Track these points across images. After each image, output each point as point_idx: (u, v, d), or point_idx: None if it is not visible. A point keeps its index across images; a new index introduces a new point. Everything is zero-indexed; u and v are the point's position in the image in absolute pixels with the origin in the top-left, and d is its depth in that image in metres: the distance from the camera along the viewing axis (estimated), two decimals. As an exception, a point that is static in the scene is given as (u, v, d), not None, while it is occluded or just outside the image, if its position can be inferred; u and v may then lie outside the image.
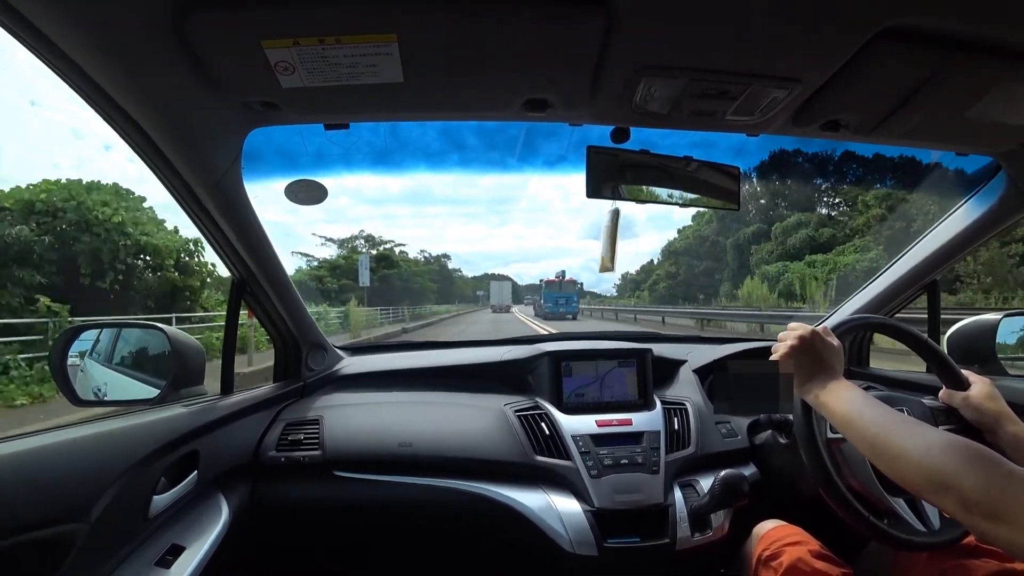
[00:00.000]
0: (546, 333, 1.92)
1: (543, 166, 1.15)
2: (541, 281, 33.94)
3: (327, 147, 0.97)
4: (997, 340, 1.23)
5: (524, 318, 27.81)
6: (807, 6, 0.60)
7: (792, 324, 0.84)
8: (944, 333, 1.31)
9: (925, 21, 0.63)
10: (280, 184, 1.03)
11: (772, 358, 0.82)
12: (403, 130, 1.05)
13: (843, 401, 0.72)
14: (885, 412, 0.67)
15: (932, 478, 0.57)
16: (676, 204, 1.00)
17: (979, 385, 0.85)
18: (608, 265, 1.06)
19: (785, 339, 0.83)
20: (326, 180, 1.04)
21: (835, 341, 0.81)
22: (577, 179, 0.93)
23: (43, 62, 0.62)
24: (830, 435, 0.86)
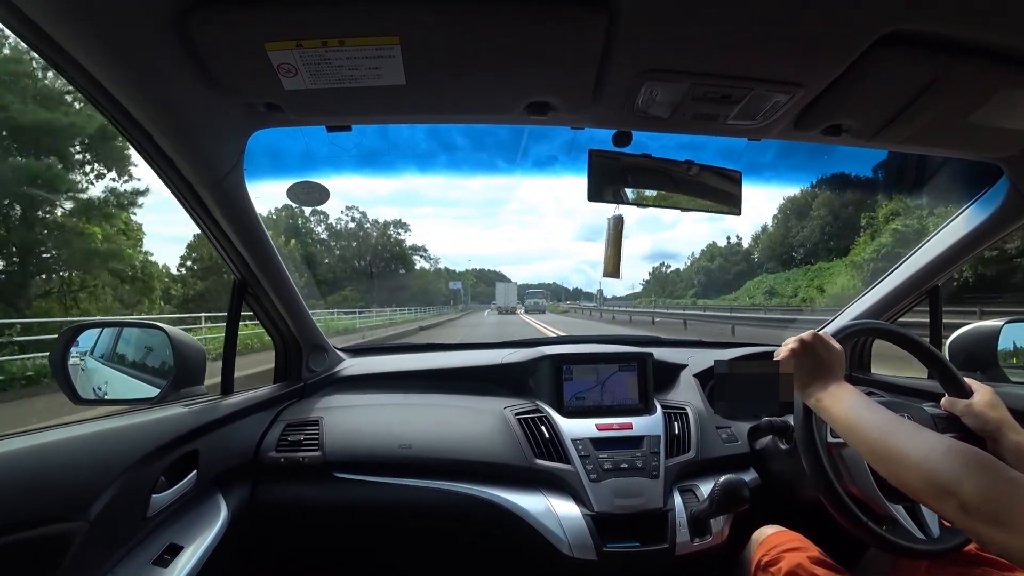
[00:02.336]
0: (549, 336, 1.92)
1: (542, 168, 1.16)
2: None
3: (329, 149, 0.97)
4: (999, 347, 1.23)
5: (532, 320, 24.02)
6: (809, 11, 0.60)
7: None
8: (946, 339, 1.31)
9: (927, 26, 0.63)
10: (282, 185, 1.03)
11: (775, 359, 0.82)
12: (404, 132, 1.06)
13: (844, 405, 0.72)
14: (886, 416, 0.67)
15: (932, 482, 0.56)
16: (678, 208, 1.00)
17: (981, 393, 0.84)
18: (611, 271, 1.06)
19: (790, 343, 0.83)
20: (328, 181, 1.04)
21: (837, 345, 0.81)
22: (568, 181, 0.94)
23: (47, 62, 0.63)
24: (830, 439, 0.86)
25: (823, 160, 1.16)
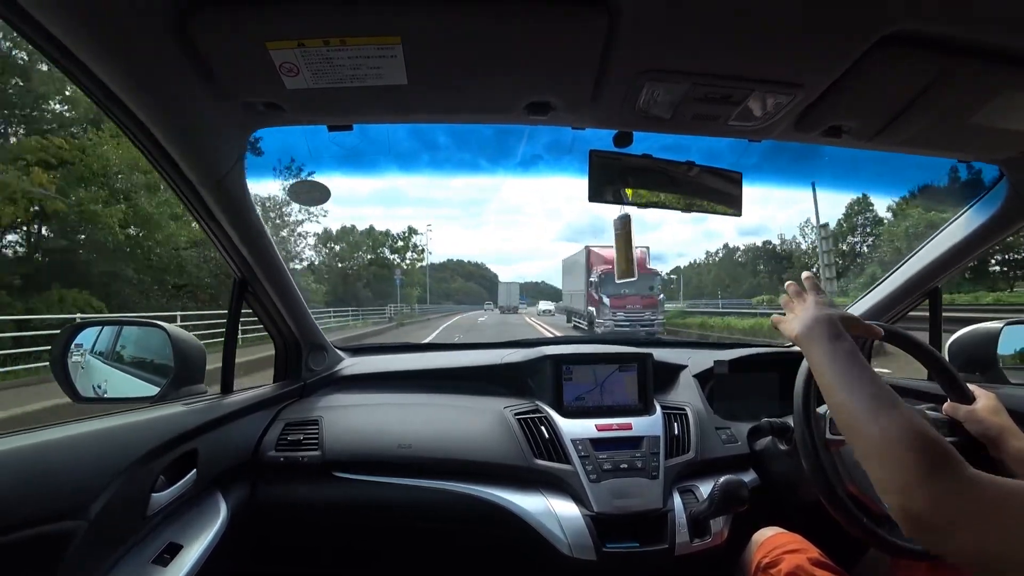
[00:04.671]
0: (548, 336, 1.92)
1: (536, 168, 1.15)
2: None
3: (329, 148, 0.97)
4: (998, 348, 1.23)
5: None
6: (810, 12, 0.60)
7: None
8: (945, 340, 1.31)
9: (928, 27, 0.63)
10: (283, 184, 1.03)
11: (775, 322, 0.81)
12: (400, 132, 1.05)
13: (817, 359, 0.69)
14: (853, 383, 0.62)
15: (883, 476, 0.54)
16: (678, 209, 1.00)
17: (984, 399, 0.84)
18: (626, 270, 1.05)
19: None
20: (328, 180, 1.04)
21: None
22: (552, 181, 0.93)
23: (49, 60, 0.63)
24: (829, 436, 0.86)
25: (824, 161, 1.16)
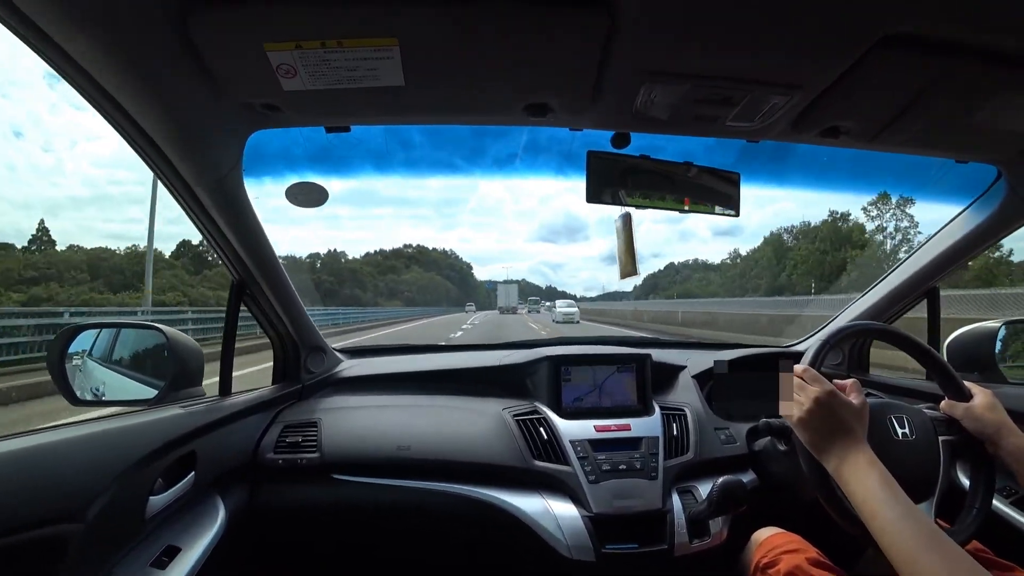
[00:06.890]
0: (546, 338, 1.92)
1: (521, 167, 1.15)
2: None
3: (328, 149, 0.97)
4: (997, 347, 1.23)
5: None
6: (809, 13, 0.61)
7: (800, 372, 0.78)
8: (944, 340, 1.31)
9: (926, 29, 0.63)
10: (281, 186, 1.03)
11: (782, 413, 0.78)
12: (377, 132, 1.04)
13: (863, 487, 0.68)
14: (906, 514, 0.63)
15: None
16: (676, 210, 1.00)
17: (981, 396, 0.84)
18: (630, 269, 1.05)
19: (800, 399, 0.76)
20: (327, 182, 1.04)
21: (856, 399, 0.76)
22: (530, 181, 0.94)
23: (47, 62, 0.62)
24: None
25: (824, 162, 1.16)
